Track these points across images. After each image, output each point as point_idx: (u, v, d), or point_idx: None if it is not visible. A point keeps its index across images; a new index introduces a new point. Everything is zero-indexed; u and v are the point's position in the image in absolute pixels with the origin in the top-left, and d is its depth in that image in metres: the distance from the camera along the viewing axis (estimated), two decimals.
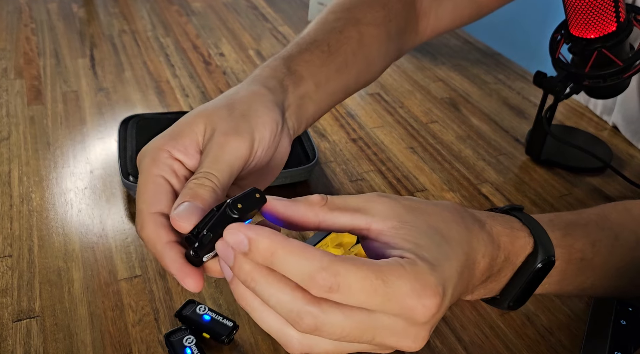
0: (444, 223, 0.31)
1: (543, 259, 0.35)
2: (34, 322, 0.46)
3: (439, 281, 0.28)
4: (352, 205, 0.31)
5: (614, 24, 0.58)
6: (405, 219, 0.30)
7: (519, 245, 0.35)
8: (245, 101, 0.38)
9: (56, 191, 0.60)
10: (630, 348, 0.44)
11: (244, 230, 0.27)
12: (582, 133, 0.78)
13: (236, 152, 0.35)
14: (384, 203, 0.31)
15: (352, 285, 0.26)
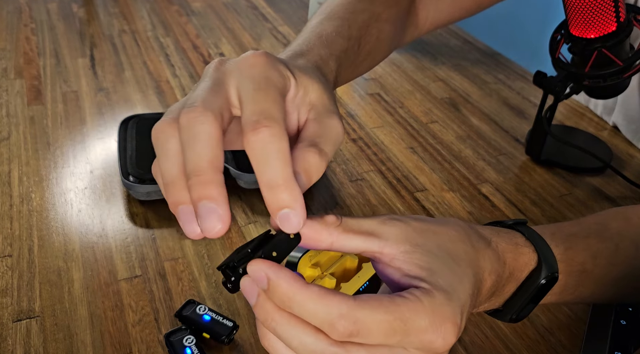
0: (453, 243, 0.31)
1: (547, 275, 0.35)
2: (34, 322, 0.46)
3: (456, 310, 0.28)
4: (366, 227, 0.30)
5: (614, 24, 0.58)
6: (416, 242, 0.30)
7: (523, 261, 0.35)
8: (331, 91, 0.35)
9: (56, 191, 0.60)
10: (630, 348, 0.44)
11: (265, 268, 0.27)
12: (582, 133, 0.78)
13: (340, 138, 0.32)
14: (396, 227, 0.31)
15: (371, 328, 0.26)
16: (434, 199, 0.64)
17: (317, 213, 0.60)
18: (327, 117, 0.32)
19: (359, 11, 0.46)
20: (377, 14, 0.48)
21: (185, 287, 0.50)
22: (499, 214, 0.62)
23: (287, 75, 0.31)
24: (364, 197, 0.63)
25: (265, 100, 0.28)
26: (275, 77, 0.30)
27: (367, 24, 0.47)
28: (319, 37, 0.41)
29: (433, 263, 0.29)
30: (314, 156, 0.29)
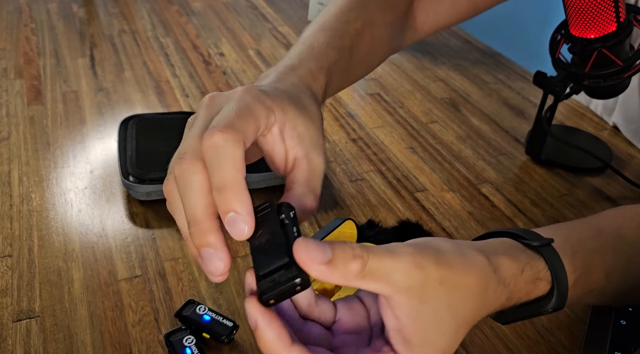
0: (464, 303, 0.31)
1: (554, 307, 0.36)
2: (33, 322, 0.46)
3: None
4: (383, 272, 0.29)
5: (614, 24, 0.58)
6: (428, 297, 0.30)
7: (535, 294, 0.35)
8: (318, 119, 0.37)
9: (56, 191, 0.60)
10: (630, 348, 0.44)
11: (257, 314, 0.28)
12: (582, 133, 0.78)
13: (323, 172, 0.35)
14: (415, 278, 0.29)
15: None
16: (434, 199, 0.64)
17: (317, 213, 0.60)
18: (315, 154, 0.34)
19: (352, 20, 0.47)
20: (370, 20, 0.49)
21: (185, 287, 0.50)
22: (498, 214, 0.62)
23: (272, 109, 0.32)
24: (364, 197, 0.63)
25: (232, 118, 0.30)
26: (258, 110, 0.31)
27: (359, 32, 0.47)
28: (310, 49, 0.42)
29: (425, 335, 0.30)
30: (313, 201, 0.32)
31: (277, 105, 0.33)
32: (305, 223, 0.58)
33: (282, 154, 0.34)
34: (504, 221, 0.61)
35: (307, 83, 0.39)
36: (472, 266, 0.32)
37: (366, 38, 0.48)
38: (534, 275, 0.35)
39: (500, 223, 0.61)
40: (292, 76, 0.39)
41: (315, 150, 0.34)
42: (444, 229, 0.59)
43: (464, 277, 0.31)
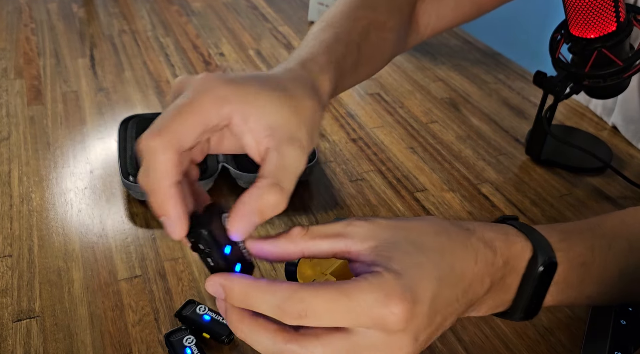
0: (423, 236, 0.32)
1: (544, 261, 0.35)
2: (34, 322, 0.46)
3: (405, 288, 0.28)
4: (331, 231, 0.32)
5: (614, 24, 0.58)
6: (382, 237, 0.31)
7: (517, 249, 0.35)
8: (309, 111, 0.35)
9: (56, 191, 0.60)
10: (631, 348, 0.44)
11: (217, 279, 0.30)
12: (582, 133, 0.78)
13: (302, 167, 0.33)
14: (362, 226, 0.31)
15: (318, 307, 0.27)
16: (434, 199, 0.64)
17: (317, 213, 0.60)
18: (288, 146, 0.32)
19: (360, 18, 0.47)
20: (380, 22, 0.49)
21: (185, 287, 0.50)
22: (499, 214, 0.62)
23: (228, 99, 0.31)
24: (364, 197, 0.63)
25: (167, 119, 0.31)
26: (206, 103, 0.31)
27: (366, 30, 0.47)
28: (320, 43, 0.41)
29: (393, 251, 0.30)
30: (274, 195, 0.30)
31: (236, 93, 0.31)
32: (305, 222, 0.58)
33: (253, 143, 0.32)
34: None
35: (311, 76, 0.37)
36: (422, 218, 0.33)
37: (372, 38, 0.48)
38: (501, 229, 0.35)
39: None
40: (297, 67, 0.38)
41: (290, 143, 0.32)
42: None
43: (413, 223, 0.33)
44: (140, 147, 0.30)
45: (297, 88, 0.35)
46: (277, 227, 0.57)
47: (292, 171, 0.31)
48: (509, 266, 0.35)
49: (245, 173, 0.59)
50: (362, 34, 0.46)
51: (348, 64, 0.43)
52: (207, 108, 0.31)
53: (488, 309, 0.36)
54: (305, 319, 0.27)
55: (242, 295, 0.29)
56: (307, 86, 0.36)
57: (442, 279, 0.30)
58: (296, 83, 0.35)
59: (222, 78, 0.32)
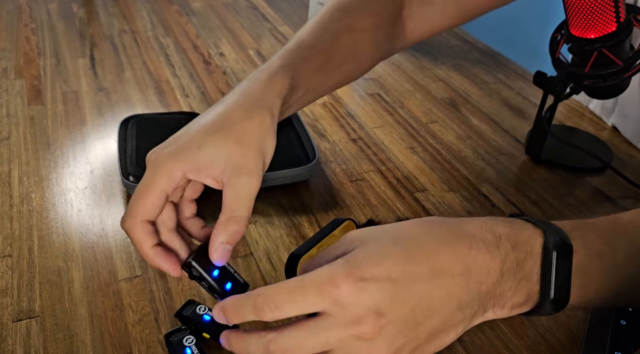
0: (405, 229, 0.34)
1: (555, 241, 0.34)
2: (34, 322, 0.46)
3: (349, 269, 0.31)
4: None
5: (614, 24, 0.58)
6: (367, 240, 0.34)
7: (526, 234, 0.35)
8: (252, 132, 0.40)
9: (56, 191, 0.60)
10: (630, 347, 0.44)
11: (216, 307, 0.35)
12: (582, 133, 0.78)
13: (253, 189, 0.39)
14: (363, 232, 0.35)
15: (282, 298, 0.32)
16: (434, 199, 0.64)
17: (317, 213, 0.60)
18: (236, 177, 0.38)
19: (329, 24, 0.50)
20: (350, 25, 0.51)
21: (185, 287, 0.50)
22: (498, 214, 0.62)
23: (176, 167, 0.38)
24: (364, 197, 0.63)
25: (132, 204, 0.39)
26: (159, 180, 0.38)
27: (337, 35, 0.50)
28: (280, 52, 0.46)
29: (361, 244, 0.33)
30: (232, 226, 0.38)
31: (180, 158, 0.38)
32: (305, 223, 0.59)
33: (215, 185, 0.39)
34: None
35: (257, 87, 0.42)
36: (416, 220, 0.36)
37: (345, 41, 0.50)
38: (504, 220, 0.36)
39: None
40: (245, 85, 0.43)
41: (236, 174, 0.38)
42: None
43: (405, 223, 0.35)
44: (121, 226, 0.39)
45: (241, 115, 0.40)
46: (277, 227, 0.57)
47: (243, 198, 0.38)
48: (520, 250, 0.34)
49: None
50: (331, 39, 0.49)
51: (313, 66, 0.47)
52: (160, 183, 0.38)
53: (513, 305, 0.35)
54: (277, 311, 0.31)
55: (232, 309, 0.34)
56: (251, 104, 0.41)
57: (408, 258, 0.32)
58: (240, 110, 0.41)
59: (166, 151, 0.39)
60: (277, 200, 0.61)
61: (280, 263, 0.53)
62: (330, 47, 0.49)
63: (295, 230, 0.57)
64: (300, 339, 0.32)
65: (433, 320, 0.33)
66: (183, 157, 0.38)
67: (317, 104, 0.80)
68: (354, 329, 0.31)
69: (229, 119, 0.40)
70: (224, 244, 0.38)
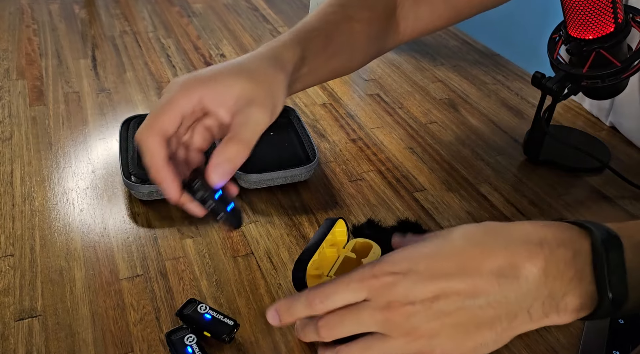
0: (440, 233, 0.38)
1: (602, 235, 0.33)
2: (35, 321, 0.46)
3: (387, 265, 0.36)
4: None
5: (612, 25, 0.58)
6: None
7: (571, 234, 0.34)
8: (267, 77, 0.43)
9: (58, 191, 0.60)
10: (628, 346, 0.44)
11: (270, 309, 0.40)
12: (580, 133, 0.78)
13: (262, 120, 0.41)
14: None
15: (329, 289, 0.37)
16: (433, 199, 0.64)
17: (317, 213, 0.60)
18: (248, 107, 0.40)
19: (329, 13, 0.54)
20: (348, 15, 0.54)
21: (187, 286, 0.50)
22: (497, 214, 0.63)
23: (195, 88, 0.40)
24: (364, 197, 0.63)
25: (150, 116, 0.40)
26: (179, 99, 0.40)
27: (336, 22, 0.53)
28: (287, 32, 0.50)
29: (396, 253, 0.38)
30: (234, 146, 0.39)
31: (201, 82, 0.40)
32: (305, 222, 0.59)
33: (226, 116, 0.41)
34: (503, 221, 0.62)
35: (274, 51, 0.46)
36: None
37: (343, 28, 0.53)
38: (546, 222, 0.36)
39: None
40: (261, 48, 0.46)
41: (248, 104, 0.40)
42: (443, 229, 0.60)
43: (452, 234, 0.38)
44: (136, 138, 0.41)
45: (258, 63, 0.44)
46: (277, 227, 0.58)
47: (251, 125, 0.40)
48: (567, 248, 0.33)
49: (245, 173, 0.59)
50: (331, 25, 0.52)
51: (317, 44, 0.50)
52: (180, 101, 0.40)
53: (570, 309, 0.34)
54: (327, 301, 0.37)
55: (285, 309, 0.38)
56: (268, 59, 0.45)
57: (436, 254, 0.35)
58: (257, 60, 0.44)
59: (191, 75, 0.41)
60: (277, 199, 0.61)
61: (280, 263, 0.53)
62: (331, 32, 0.52)
63: (295, 229, 0.58)
64: (342, 316, 0.36)
65: (459, 313, 0.34)
66: (201, 82, 0.41)
67: (317, 104, 0.81)
68: (385, 313, 0.35)
69: (246, 65, 0.43)
70: (224, 164, 0.39)
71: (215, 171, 0.39)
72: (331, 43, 0.52)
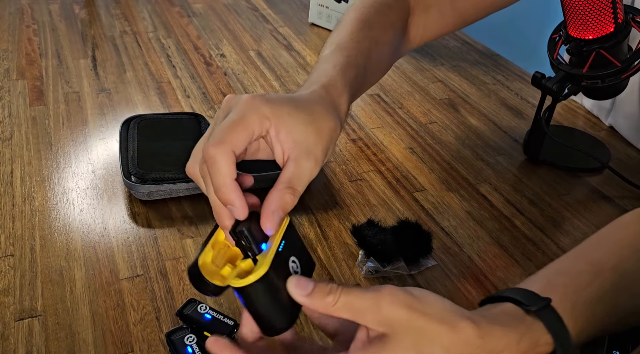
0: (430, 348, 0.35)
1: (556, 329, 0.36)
2: (35, 321, 0.46)
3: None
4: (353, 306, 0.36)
5: (612, 25, 0.58)
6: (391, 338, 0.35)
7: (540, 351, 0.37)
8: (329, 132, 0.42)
9: (58, 191, 0.60)
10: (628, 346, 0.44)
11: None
12: (580, 133, 0.78)
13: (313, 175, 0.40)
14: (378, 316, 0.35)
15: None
16: (433, 199, 0.64)
17: (317, 213, 0.60)
18: (304, 159, 0.39)
19: (362, 39, 0.52)
20: (375, 39, 0.53)
21: (187, 286, 0.50)
22: (497, 214, 0.63)
23: (267, 116, 0.39)
24: (364, 197, 0.63)
25: (225, 132, 0.38)
26: (252, 119, 0.38)
27: (369, 50, 0.52)
28: (334, 67, 0.47)
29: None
30: (289, 196, 0.38)
31: (274, 113, 0.39)
32: (305, 222, 0.59)
33: (280, 152, 0.40)
34: (503, 221, 0.62)
35: (333, 100, 0.44)
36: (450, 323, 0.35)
37: (373, 56, 0.52)
38: (533, 343, 0.36)
39: (498, 223, 0.61)
40: (321, 91, 0.44)
41: (306, 156, 0.39)
42: (443, 229, 0.60)
43: (433, 325, 0.35)
44: (206, 153, 0.38)
45: (322, 110, 0.42)
46: None
47: (303, 178, 0.39)
48: None
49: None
50: (366, 55, 0.51)
51: (358, 84, 0.50)
52: (253, 124, 0.38)
53: None
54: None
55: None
56: (330, 109, 0.43)
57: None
58: (321, 106, 0.42)
59: (264, 99, 0.39)
60: None
61: None
62: (367, 64, 0.51)
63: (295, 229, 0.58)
64: None
65: None
66: (278, 112, 0.39)
67: None
68: None
69: (314, 110, 0.41)
70: (278, 211, 0.38)
71: (270, 219, 0.38)
72: (366, 75, 0.52)
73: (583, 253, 0.43)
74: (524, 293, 0.38)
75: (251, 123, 0.38)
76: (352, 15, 0.54)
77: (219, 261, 0.40)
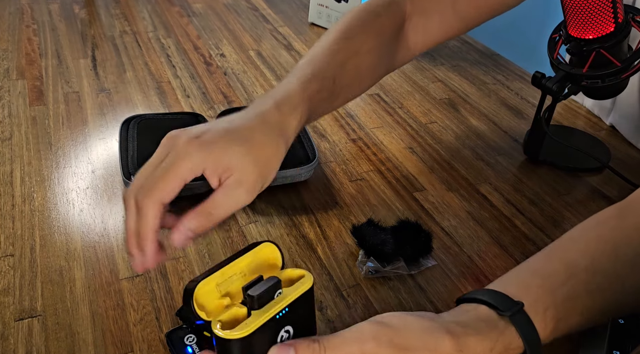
0: None
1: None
2: (35, 321, 0.46)
3: None
4: None
5: (612, 25, 0.58)
6: None
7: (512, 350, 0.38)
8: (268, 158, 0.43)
9: (58, 191, 0.60)
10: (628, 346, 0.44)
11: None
12: (580, 133, 0.78)
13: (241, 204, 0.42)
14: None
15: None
16: (433, 199, 0.64)
17: (317, 213, 0.60)
18: (233, 188, 0.41)
19: (337, 51, 0.53)
20: (354, 50, 0.54)
21: None
22: (497, 214, 0.63)
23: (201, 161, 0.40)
24: (364, 197, 0.63)
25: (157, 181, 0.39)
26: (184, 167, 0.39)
27: (342, 63, 0.52)
28: (297, 80, 0.48)
29: None
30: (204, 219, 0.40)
31: (207, 156, 0.40)
32: (305, 222, 0.59)
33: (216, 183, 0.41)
34: (503, 221, 0.62)
35: (279, 117, 0.45)
36: (432, 348, 0.35)
37: (350, 68, 0.53)
38: (505, 347, 0.37)
39: (498, 223, 0.61)
40: (271, 109, 0.45)
41: (237, 186, 0.41)
42: (443, 229, 0.60)
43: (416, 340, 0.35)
44: (134, 198, 0.40)
45: (262, 138, 0.43)
46: (277, 227, 0.58)
47: (229, 206, 0.41)
48: None
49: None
50: (338, 68, 0.52)
51: (323, 96, 0.50)
52: (185, 173, 0.40)
53: None
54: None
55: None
56: (271, 133, 0.44)
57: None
58: (261, 133, 0.43)
59: (197, 143, 0.40)
60: (277, 200, 0.61)
61: None
62: (338, 76, 0.52)
63: (295, 229, 0.58)
64: None
65: None
66: (211, 154, 0.40)
67: None
68: None
69: (252, 138, 0.43)
70: (190, 231, 0.40)
71: (179, 236, 0.40)
72: (338, 86, 0.52)
73: (559, 250, 0.44)
74: (498, 297, 0.39)
75: (183, 172, 0.39)
76: (335, 27, 0.55)
77: (224, 287, 0.37)
